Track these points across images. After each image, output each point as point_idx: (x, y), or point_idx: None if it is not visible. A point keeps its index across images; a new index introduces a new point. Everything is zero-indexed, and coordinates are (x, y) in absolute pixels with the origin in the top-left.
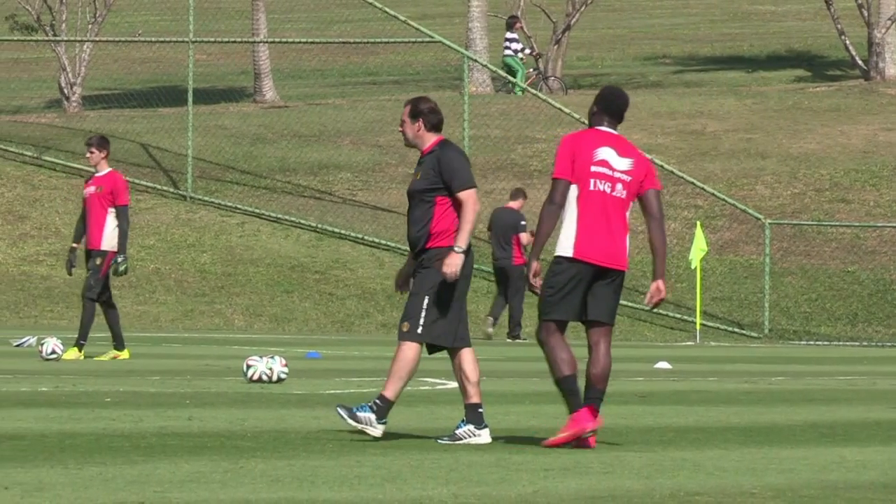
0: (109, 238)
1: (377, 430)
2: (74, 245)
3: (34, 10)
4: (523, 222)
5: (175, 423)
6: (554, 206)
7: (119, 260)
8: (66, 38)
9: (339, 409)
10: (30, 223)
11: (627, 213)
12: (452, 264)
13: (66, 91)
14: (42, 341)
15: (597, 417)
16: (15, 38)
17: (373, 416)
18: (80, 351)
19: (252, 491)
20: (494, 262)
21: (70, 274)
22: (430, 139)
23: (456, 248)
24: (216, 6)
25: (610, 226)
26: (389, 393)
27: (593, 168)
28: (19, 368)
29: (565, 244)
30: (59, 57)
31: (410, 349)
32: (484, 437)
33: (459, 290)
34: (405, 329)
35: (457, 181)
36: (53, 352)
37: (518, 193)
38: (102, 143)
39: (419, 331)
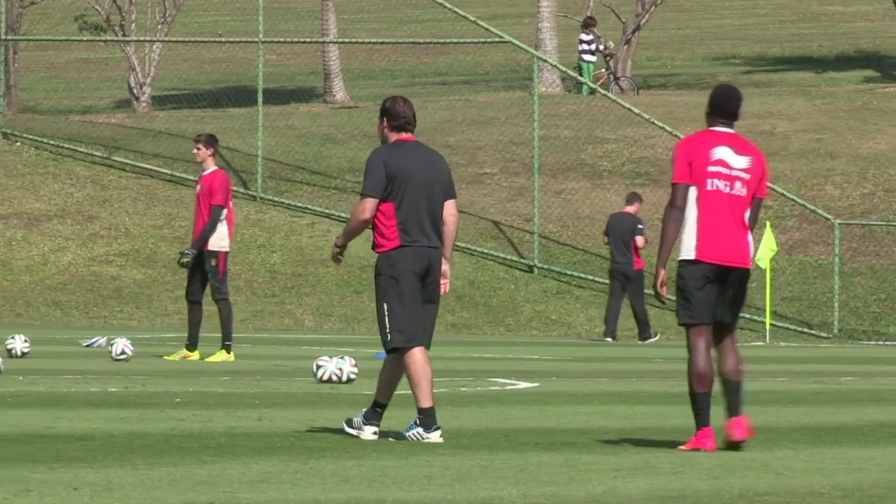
0: (215, 238)
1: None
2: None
3: (104, 10)
4: (640, 226)
5: (245, 423)
6: (676, 211)
7: (186, 251)
8: (135, 39)
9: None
10: (99, 223)
11: (747, 212)
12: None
13: (135, 91)
14: (111, 342)
15: (741, 423)
16: (84, 39)
17: (420, 430)
18: (228, 353)
19: (321, 491)
20: (613, 267)
21: (183, 266)
22: (392, 139)
23: (336, 242)
24: (286, 6)
25: (730, 224)
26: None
27: (710, 168)
28: (89, 369)
29: (688, 247)
30: (129, 57)
31: (409, 358)
32: (434, 438)
33: (394, 291)
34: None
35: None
36: (123, 352)
37: (633, 198)
38: (210, 140)
39: (389, 338)
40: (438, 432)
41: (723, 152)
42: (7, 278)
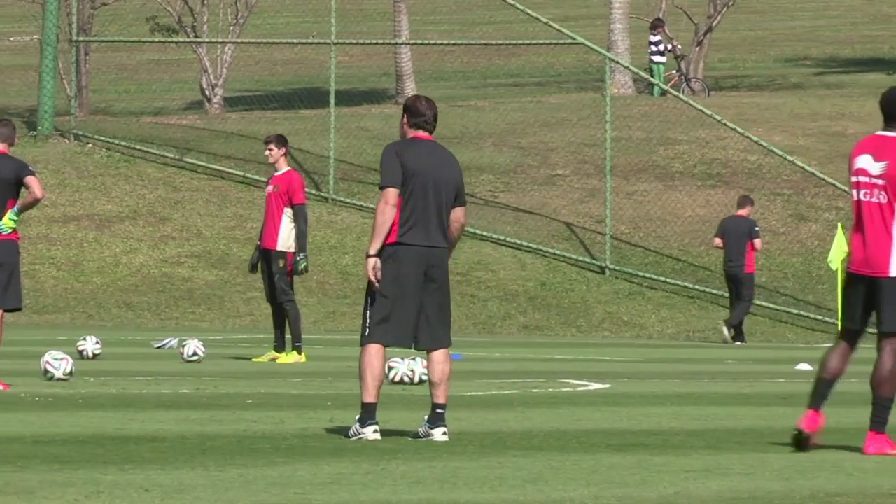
0: (285, 238)
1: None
2: (259, 244)
3: (175, 11)
4: (756, 228)
5: (316, 424)
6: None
7: (299, 258)
8: (207, 40)
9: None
10: (171, 225)
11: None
12: (366, 268)
13: (207, 93)
14: (183, 343)
15: (878, 437)
16: (156, 40)
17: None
18: (299, 354)
19: (393, 492)
20: (727, 269)
21: (252, 272)
22: (411, 135)
23: (367, 252)
24: (358, 8)
25: (867, 233)
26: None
27: (853, 178)
28: (160, 370)
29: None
30: (201, 58)
31: (364, 351)
32: (368, 434)
33: (393, 292)
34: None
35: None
36: (195, 354)
37: (745, 201)
38: (281, 140)
39: (366, 333)
40: (374, 427)
41: (863, 160)
42: (79, 280)
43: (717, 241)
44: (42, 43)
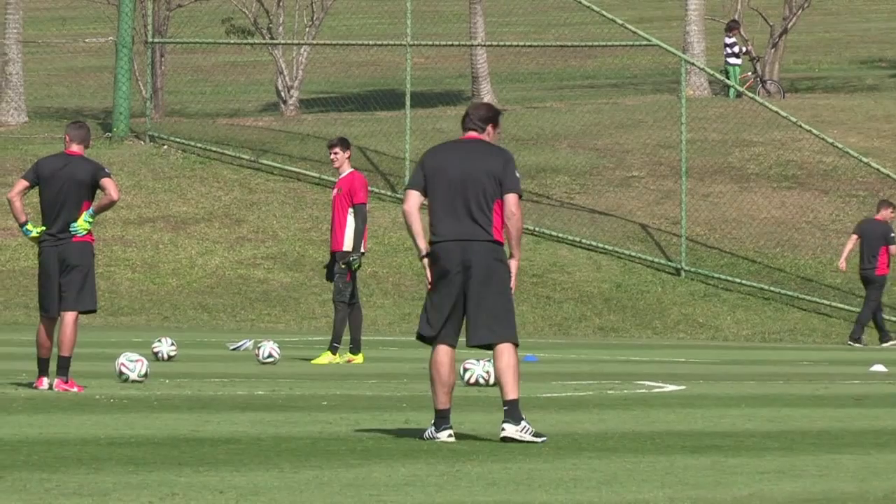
0: (351, 239)
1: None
2: (331, 250)
3: (251, 13)
4: (893, 234)
5: (392, 426)
6: None
7: (353, 258)
8: (283, 42)
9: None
10: (247, 227)
11: None
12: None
13: (283, 94)
14: (258, 345)
15: None
16: (231, 42)
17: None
18: (333, 354)
19: (468, 494)
20: (860, 271)
21: (330, 280)
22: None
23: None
24: (434, 9)
25: None
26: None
27: None
28: (235, 372)
29: None
30: (277, 60)
31: (431, 356)
32: (442, 437)
33: (442, 290)
34: None
35: None
36: (270, 355)
37: (884, 205)
38: (344, 143)
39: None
40: (448, 432)
41: None
42: (154, 281)
43: (852, 238)
44: (117, 45)
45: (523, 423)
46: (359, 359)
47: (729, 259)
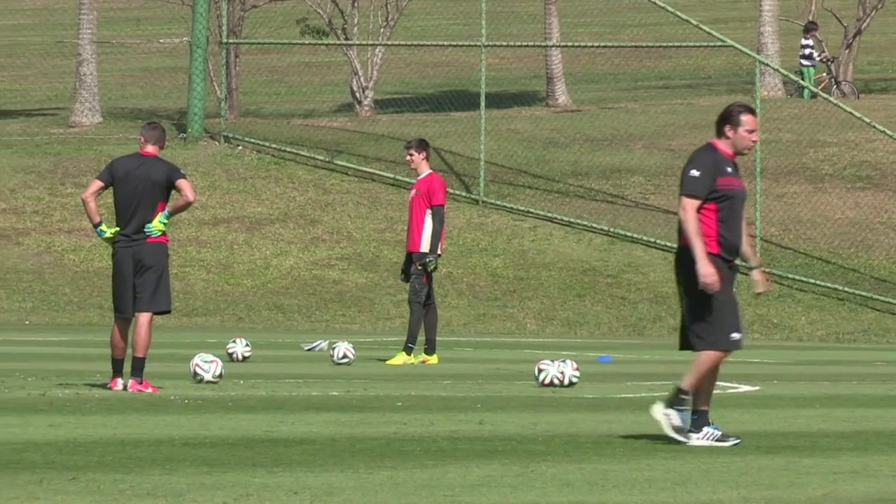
0: (428, 240)
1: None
2: (406, 250)
3: (326, 13)
4: None
5: (466, 426)
6: None
7: (429, 259)
8: (357, 42)
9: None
10: (321, 227)
11: None
12: None
13: (357, 95)
14: (333, 345)
15: None
16: (306, 42)
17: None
18: (408, 355)
19: (542, 495)
20: None
21: (405, 280)
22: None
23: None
24: (509, 10)
25: None
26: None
27: None
28: (310, 373)
29: None
30: (351, 61)
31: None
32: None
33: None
34: None
35: None
36: (345, 356)
37: None
38: (421, 145)
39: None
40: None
41: None
42: (229, 282)
43: None
44: (192, 45)
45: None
46: (433, 359)
47: (803, 259)
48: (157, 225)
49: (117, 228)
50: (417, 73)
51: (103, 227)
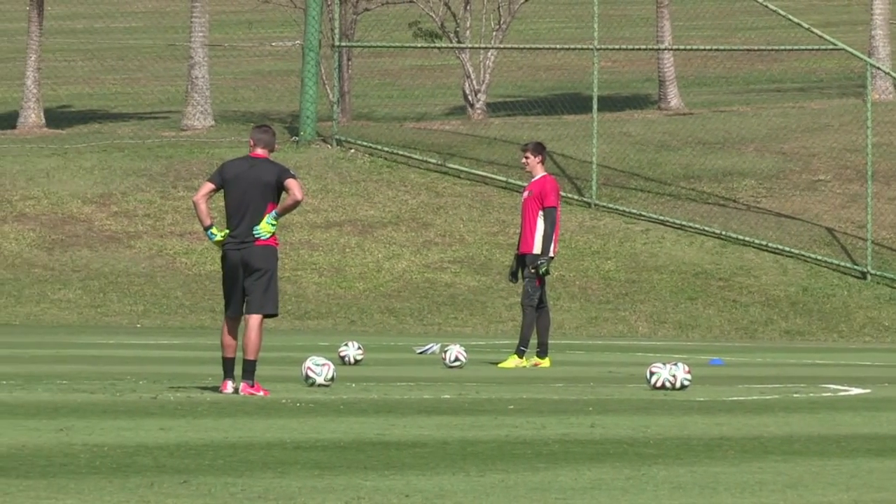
0: (540, 242)
1: None
2: (517, 252)
3: (438, 16)
4: None
5: (578, 430)
6: None
7: (541, 262)
8: (470, 45)
9: None
10: (434, 230)
11: None
12: None
13: (470, 98)
14: (445, 348)
15: None
16: (418, 46)
17: None
18: (520, 358)
19: (654, 498)
20: None
21: (513, 281)
22: None
23: None
24: (621, 13)
25: None
26: None
27: None
28: (422, 376)
29: None
30: (464, 64)
31: None
32: None
33: None
34: None
35: None
36: (457, 359)
37: None
38: (537, 148)
39: None
40: None
41: None
42: (341, 285)
43: None
44: (304, 48)
45: None
46: (545, 363)
47: None
48: (265, 227)
49: (227, 231)
50: (530, 76)
51: (214, 230)
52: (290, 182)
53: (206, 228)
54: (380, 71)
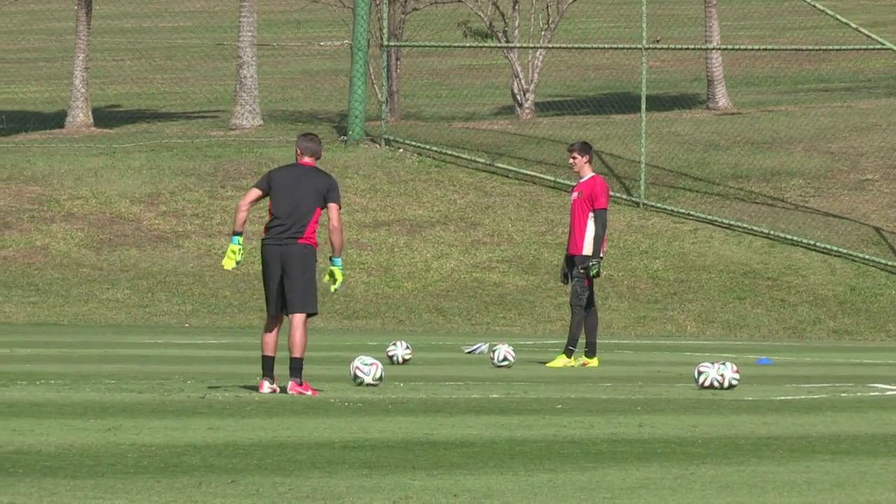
0: (591, 243)
1: None
2: (567, 253)
3: (486, 16)
4: None
5: (626, 429)
6: None
7: (591, 263)
8: (518, 45)
9: None
10: (482, 230)
11: None
12: None
13: (518, 97)
14: (493, 348)
15: None
16: (467, 45)
17: None
18: (568, 357)
19: (701, 497)
20: None
21: (564, 282)
22: None
23: None
24: (670, 13)
25: None
26: None
27: None
28: (470, 375)
29: None
30: (512, 63)
31: None
32: None
33: None
34: None
35: None
36: (505, 359)
37: None
38: (584, 148)
39: None
40: None
41: None
42: (389, 285)
43: None
44: (353, 48)
45: None
46: (594, 362)
47: None
48: (338, 274)
49: (243, 249)
50: (578, 76)
51: (240, 240)
52: (332, 206)
53: (235, 233)
54: (428, 70)
